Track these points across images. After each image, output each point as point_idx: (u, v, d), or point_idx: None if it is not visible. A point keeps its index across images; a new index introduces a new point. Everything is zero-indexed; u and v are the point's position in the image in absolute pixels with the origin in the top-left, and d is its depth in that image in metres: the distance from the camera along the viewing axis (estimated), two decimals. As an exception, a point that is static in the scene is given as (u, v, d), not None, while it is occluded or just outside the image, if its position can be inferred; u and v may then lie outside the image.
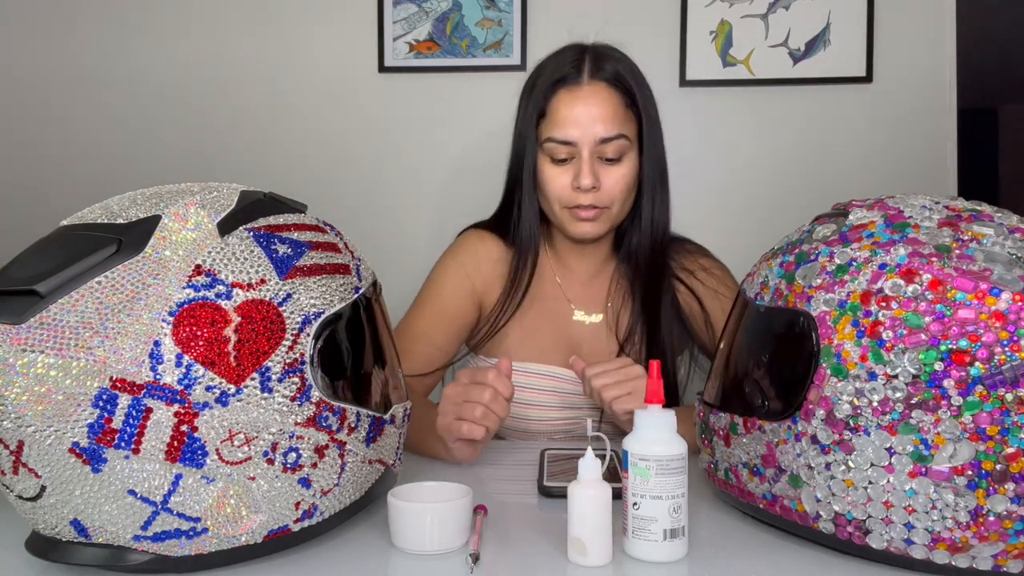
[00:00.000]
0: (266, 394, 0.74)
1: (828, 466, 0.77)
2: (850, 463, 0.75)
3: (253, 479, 0.74)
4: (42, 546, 0.76)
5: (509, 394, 1.05)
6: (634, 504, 0.79)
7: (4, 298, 0.72)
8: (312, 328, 0.78)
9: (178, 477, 0.72)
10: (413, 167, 2.03)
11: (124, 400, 0.70)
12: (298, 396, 0.76)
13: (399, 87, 2.01)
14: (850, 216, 0.84)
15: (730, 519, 0.91)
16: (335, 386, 0.80)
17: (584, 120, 1.20)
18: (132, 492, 0.71)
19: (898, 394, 0.73)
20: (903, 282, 0.75)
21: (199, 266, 0.74)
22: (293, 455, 0.76)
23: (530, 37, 1.97)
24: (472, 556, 0.78)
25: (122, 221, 0.76)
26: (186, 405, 0.71)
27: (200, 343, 0.72)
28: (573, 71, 1.23)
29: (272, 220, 0.81)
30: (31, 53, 2.07)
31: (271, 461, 0.75)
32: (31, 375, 0.70)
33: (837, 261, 0.80)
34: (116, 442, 0.70)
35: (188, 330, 0.72)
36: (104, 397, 0.70)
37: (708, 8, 1.93)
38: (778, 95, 1.95)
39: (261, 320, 0.74)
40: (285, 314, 0.76)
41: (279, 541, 0.78)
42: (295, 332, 0.76)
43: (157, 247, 0.74)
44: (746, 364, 0.88)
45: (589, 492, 0.78)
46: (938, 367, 0.72)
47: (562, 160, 1.23)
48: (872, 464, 0.74)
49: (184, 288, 0.73)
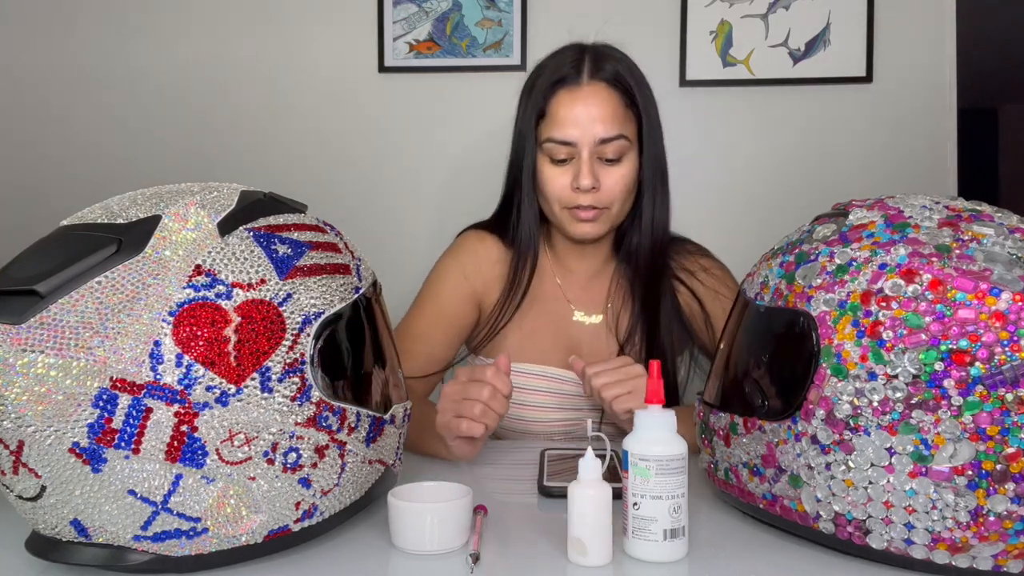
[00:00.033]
0: (266, 394, 0.74)
1: (828, 466, 0.77)
2: (850, 463, 0.75)
3: (253, 479, 0.74)
4: (42, 546, 0.76)
5: (508, 391, 1.05)
6: (634, 504, 0.79)
7: (4, 298, 0.72)
8: (312, 328, 0.77)
9: (178, 477, 0.72)
10: (413, 167, 2.02)
11: (124, 400, 0.70)
12: (298, 396, 0.76)
13: (399, 87, 2.01)
14: (850, 216, 0.84)
15: (730, 519, 0.91)
16: (335, 386, 0.80)
17: (584, 120, 1.20)
18: (132, 492, 0.71)
19: (898, 394, 0.73)
20: (903, 282, 0.75)
21: (199, 266, 0.74)
22: (293, 455, 0.76)
23: (530, 37, 1.97)
24: (472, 556, 0.78)
25: (122, 221, 0.76)
26: (186, 405, 0.71)
27: (200, 343, 0.72)
28: (573, 71, 1.23)
29: (272, 220, 0.81)
30: (31, 53, 2.07)
31: (271, 461, 0.75)
32: (31, 375, 0.70)
33: (837, 261, 0.80)
34: (116, 442, 0.70)
35: (188, 330, 0.72)
36: (104, 397, 0.70)
37: (708, 8, 1.93)
38: (778, 95, 1.95)
39: (261, 320, 0.74)
40: (285, 314, 0.76)
41: (279, 541, 0.78)
42: (295, 332, 0.76)
43: (157, 247, 0.74)
44: (746, 364, 0.88)
45: (589, 492, 0.78)
46: (938, 367, 0.72)
47: (562, 160, 1.22)
48: (872, 464, 0.74)
49: (184, 288, 0.73)
